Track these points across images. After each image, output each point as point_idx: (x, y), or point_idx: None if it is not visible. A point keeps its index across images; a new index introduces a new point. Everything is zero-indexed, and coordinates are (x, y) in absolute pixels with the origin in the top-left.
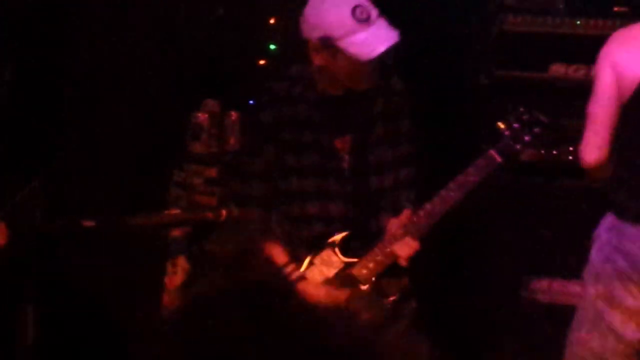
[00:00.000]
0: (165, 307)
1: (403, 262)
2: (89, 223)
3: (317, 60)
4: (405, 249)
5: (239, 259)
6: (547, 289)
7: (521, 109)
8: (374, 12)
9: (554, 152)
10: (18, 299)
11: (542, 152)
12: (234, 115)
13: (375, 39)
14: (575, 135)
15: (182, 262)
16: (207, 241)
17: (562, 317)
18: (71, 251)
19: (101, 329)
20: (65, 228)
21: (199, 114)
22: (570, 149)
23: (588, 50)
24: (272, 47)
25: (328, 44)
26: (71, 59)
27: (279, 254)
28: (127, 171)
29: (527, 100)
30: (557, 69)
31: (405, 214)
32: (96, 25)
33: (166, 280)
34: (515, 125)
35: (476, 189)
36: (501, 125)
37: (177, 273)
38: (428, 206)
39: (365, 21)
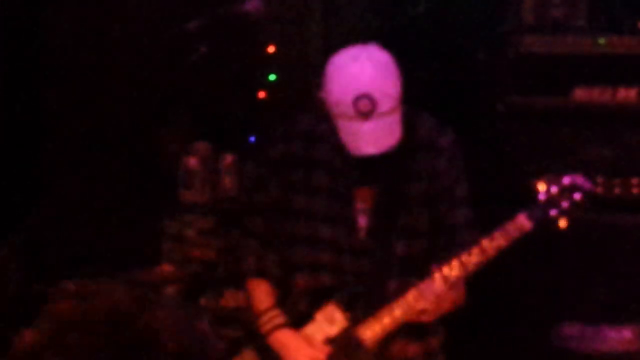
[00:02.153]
0: None
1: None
2: (69, 286)
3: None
4: (410, 313)
5: None
6: (580, 335)
7: (563, 173)
8: (382, 107)
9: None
10: None
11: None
12: (228, 157)
13: (367, 138)
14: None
15: None
16: (204, 298)
17: None
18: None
19: None
20: (46, 291)
21: (190, 159)
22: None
23: (614, 71)
24: (272, 77)
25: (328, 109)
26: (52, 111)
27: (265, 297)
28: (114, 225)
29: (548, 128)
30: (581, 93)
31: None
32: (79, 73)
33: None
34: (554, 189)
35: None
36: (538, 187)
37: None
38: (446, 270)
39: (365, 115)
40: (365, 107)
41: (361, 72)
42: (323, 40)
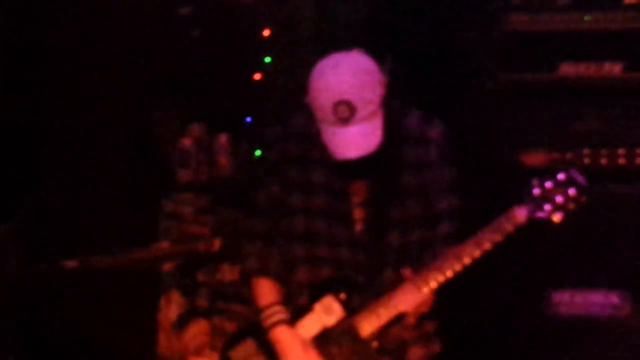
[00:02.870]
0: (162, 345)
1: (410, 319)
2: (72, 264)
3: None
4: (406, 304)
5: None
6: (569, 301)
7: (559, 168)
8: (361, 113)
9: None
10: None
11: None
12: (223, 137)
13: (346, 142)
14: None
15: (176, 297)
16: (200, 273)
17: (585, 328)
18: (55, 293)
19: None
20: (46, 271)
21: (184, 140)
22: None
23: (599, 47)
24: (267, 60)
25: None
26: (51, 93)
27: (267, 293)
28: (112, 204)
29: (536, 103)
30: (567, 69)
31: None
32: (76, 58)
33: (160, 316)
34: (548, 184)
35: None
36: (533, 182)
37: (171, 308)
38: (439, 263)
39: (345, 120)
40: (344, 113)
41: (341, 79)
42: (316, 24)
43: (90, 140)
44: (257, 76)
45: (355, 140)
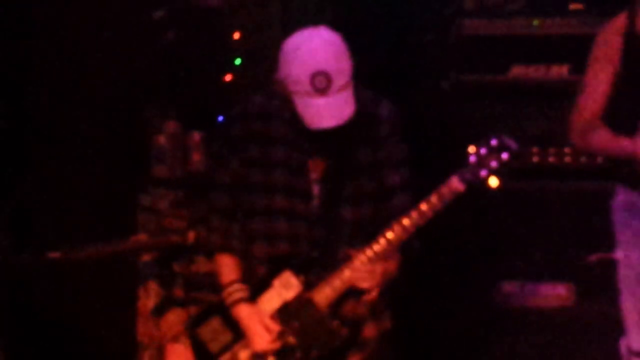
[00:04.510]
0: (140, 333)
1: (372, 294)
2: (54, 254)
3: (281, 91)
4: (360, 276)
5: None
6: (519, 292)
7: (490, 135)
8: (337, 83)
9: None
10: None
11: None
12: (196, 135)
13: (324, 112)
14: (539, 136)
15: (154, 287)
16: (177, 264)
17: (534, 320)
18: (38, 282)
19: None
20: (31, 260)
21: (160, 137)
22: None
23: (547, 50)
24: (237, 61)
25: (286, 87)
26: (30, 89)
27: (229, 270)
28: (93, 199)
29: (489, 103)
30: (518, 70)
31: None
32: (55, 55)
33: (139, 305)
34: (483, 150)
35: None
36: (469, 150)
37: (149, 298)
38: (387, 233)
39: (322, 91)
40: (321, 84)
41: (316, 51)
42: (283, 27)
43: (72, 137)
44: (228, 77)
45: (332, 110)
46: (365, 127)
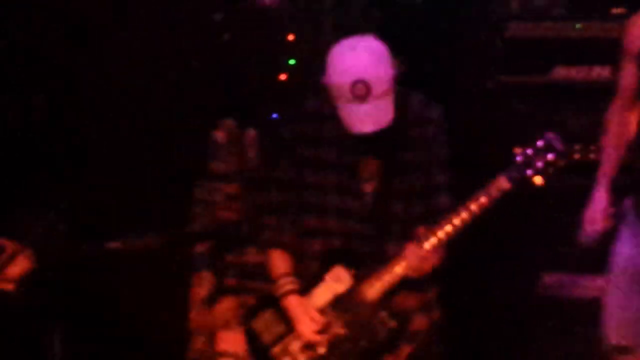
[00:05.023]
0: (193, 320)
1: (415, 273)
2: (114, 244)
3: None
4: (406, 264)
5: None
6: (559, 284)
7: (537, 135)
8: (376, 91)
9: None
10: (46, 323)
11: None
12: (252, 132)
13: (363, 118)
14: (581, 134)
15: (207, 276)
16: (229, 254)
17: (575, 311)
18: (97, 273)
19: (129, 346)
20: (91, 251)
21: (217, 133)
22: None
23: (589, 52)
24: (291, 62)
25: (330, 93)
26: (93, 84)
27: (280, 265)
28: (150, 191)
29: (531, 103)
30: (560, 72)
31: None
32: (115, 52)
33: (192, 294)
34: (529, 151)
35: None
36: (515, 150)
37: (202, 286)
38: (435, 230)
39: (361, 98)
40: (361, 91)
41: (357, 60)
42: (334, 30)
43: (132, 131)
44: (283, 77)
45: (370, 116)
46: (415, 128)
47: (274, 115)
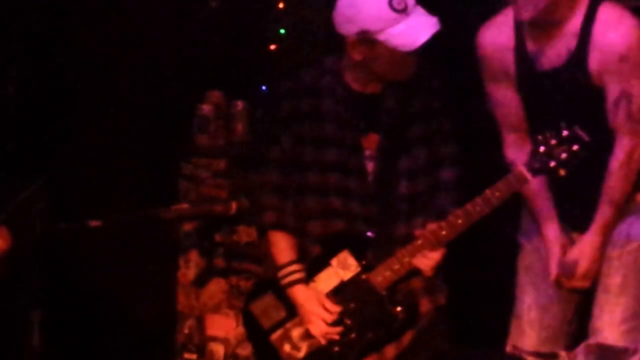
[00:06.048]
0: (181, 303)
1: (427, 274)
2: (95, 223)
3: (356, 55)
4: (423, 261)
5: None
6: None
7: (561, 124)
8: (410, 1)
9: None
10: (23, 303)
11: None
12: (240, 104)
13: (416, 28)
14: None
15: (194, 257)
16: (218, 234)
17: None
18: (78, 252)
19: (112, 330)
20: (70, 229)
21: (204, 106)
22: None
23: None
24: (282, 31)
25: (367, 38)
26: (73, 57)
27: (285, 249)
28: (133, 167)
29: None
30: None
31: (429, 226)
32: (97, 23)
33: (179, 275)
34: (553, 141)
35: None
36: (538, 139)
37: (190, 267)
38: (452, 219)
39: (404, 11)
40: (400, 4)
41: None
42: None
43: (113, 105)
44: (272, 47)
45: (421, 22)
46: (419, 99)
47: (263, 87)
